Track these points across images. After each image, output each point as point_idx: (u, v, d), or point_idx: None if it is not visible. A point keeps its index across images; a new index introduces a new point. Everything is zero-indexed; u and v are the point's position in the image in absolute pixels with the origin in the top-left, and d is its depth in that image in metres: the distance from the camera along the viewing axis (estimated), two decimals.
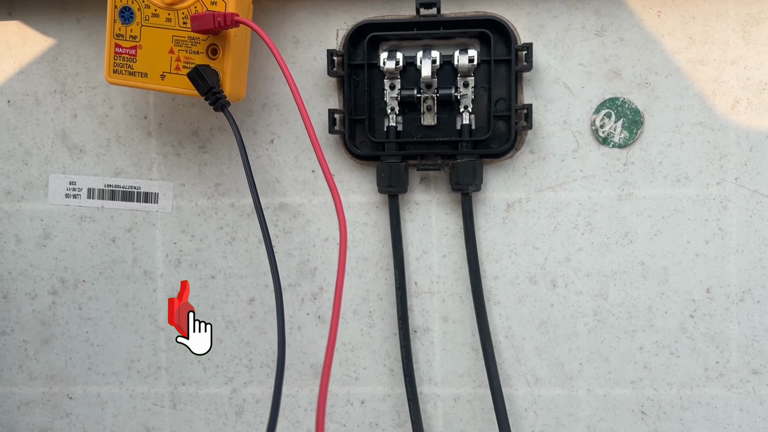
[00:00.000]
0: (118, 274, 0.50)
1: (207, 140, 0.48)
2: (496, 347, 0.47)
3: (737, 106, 0.44)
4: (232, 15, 0.40)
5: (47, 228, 0.50)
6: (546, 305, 0.47)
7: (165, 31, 0.42)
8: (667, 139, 0.45)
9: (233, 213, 0.48)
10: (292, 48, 0.47)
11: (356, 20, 0.45)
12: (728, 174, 0.45)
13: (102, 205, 0.49)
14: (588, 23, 0.45)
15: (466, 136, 0.45)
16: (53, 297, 0.51)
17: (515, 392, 0.48)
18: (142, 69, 0.43)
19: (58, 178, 0.50)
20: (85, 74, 0.48)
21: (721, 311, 0.46)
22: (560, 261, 0.46)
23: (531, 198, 0.46)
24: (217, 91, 0.41)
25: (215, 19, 0.40)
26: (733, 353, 0.46)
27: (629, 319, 0.46)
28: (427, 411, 0.48)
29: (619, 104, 0.45)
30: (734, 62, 0.44)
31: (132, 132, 0.49)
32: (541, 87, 0.45)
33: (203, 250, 0.49)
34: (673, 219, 0.45)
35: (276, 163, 0.48)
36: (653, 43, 0.44)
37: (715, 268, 0.45)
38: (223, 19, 0.40)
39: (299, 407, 0.49)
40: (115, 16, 0.43)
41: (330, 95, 0.47)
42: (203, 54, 0.42)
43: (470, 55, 0.44)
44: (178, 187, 0.49)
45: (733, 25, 0.44)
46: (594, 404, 0.47)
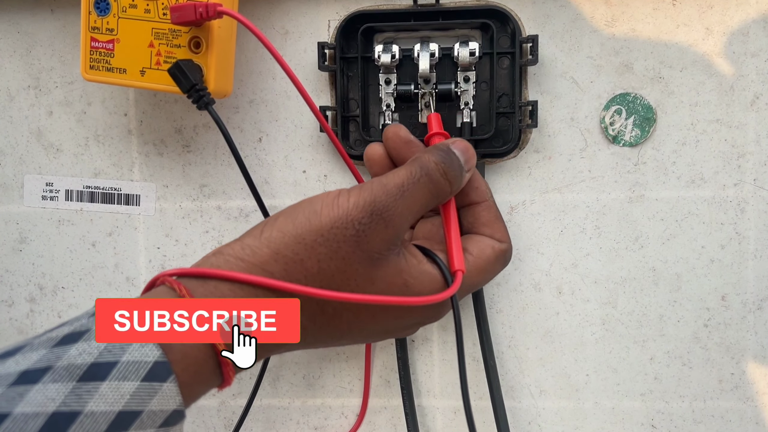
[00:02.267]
0: (99, 280, 0.47)
1: (191, 139, 0.45)
2: (499, 357, 0.45)
3: (757, 102, 0.41)
4: (215, 5, 0.37)
5: (23, 232, 0.47)
6: (551, 313, 0.44)
7: (144, 24, 0.39)
8: (681, 137, 0.42)
9: (219, 216, 0.46)
10: (281, 40, 0.44)
11: (349, 10, 0.42)
12: (746, 175, 0.42)
13: (81, 208, 0.47)
14: (597, 13, 0.42)
15: (466, 134, 0.42)
16: (31, 304, 0.48)
17: (518, 405, 0.45)
18: (120, 64, 0.40)
19: (34, 179, 0.47)
20: (60, 68, 0.46)
21: (737, 320, 0.43)
22: (566, 267, 0.44)
23: (536, 200, 0.44)
24: (200, 88, 0.38)
25: (197, 10, 0.37)
26: (749, 364, 0.43)
27: (639, 328, 0.44)
28: (426, 424, 0.46)
29: (631, 100, 0.42)
30: (754, 54, 0.41)
31: (111, 130, 0.46)
32: (547, 82, 0.42)
33: (188, 255, 0.46)
34: (687, 222, 0.43)
35: (265, 163, 0.45)
36: (667, 35, 0.41)
37: (731, 275, 0.43)
38: (205, 9, 0.37)
39: (291, 419, 0.47)
40: (90, 8, 0.40)
41: (321, 91, 0.44)
42: (185, 48, 0.39)
43: (471, 47, 0.41)
44: (161, 188, 0.46)
45: (753, 15, 0.41)
46: (601, 417, 0.45)
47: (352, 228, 0.31)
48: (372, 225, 0.31)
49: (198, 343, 0.29)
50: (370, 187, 0.32)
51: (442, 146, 0.35)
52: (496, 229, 0.38)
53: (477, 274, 0.36)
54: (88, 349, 0.27)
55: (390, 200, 0.32)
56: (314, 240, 0.31)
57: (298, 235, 0.31)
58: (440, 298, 0.33)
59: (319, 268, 0.31)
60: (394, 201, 0.32)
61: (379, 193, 0.32)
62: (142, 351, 0.27)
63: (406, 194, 0.32)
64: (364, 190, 0.32)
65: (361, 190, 0.32)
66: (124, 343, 0.27)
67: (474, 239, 0.37)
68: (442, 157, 0.34)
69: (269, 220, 0.33)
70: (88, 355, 0.26)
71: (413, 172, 0.33)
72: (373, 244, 0.31)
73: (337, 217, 0.31)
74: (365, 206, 0.31)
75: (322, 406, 0.46)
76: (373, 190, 0.32)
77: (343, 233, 0.31)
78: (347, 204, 0.32)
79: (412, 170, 0.33)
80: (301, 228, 0.31)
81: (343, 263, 0.31)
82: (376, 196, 0.32)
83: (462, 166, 0.35)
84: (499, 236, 0.38)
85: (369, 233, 0.31)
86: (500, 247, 0.37)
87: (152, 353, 0.27)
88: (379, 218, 0.31)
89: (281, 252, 0.31)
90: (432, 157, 0.34)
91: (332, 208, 0.31)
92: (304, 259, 0.31)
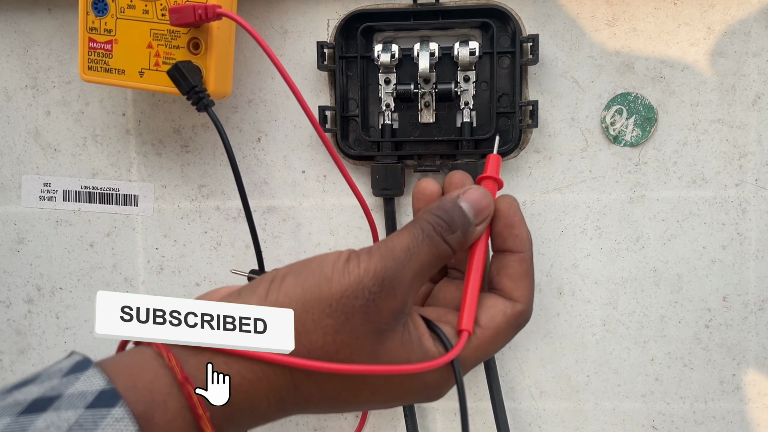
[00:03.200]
0: (97, 281, 0.47)
1: (190, 139, 0.45)
2: (499, 358, 0.44)
3: (759, 102, 0.41)
4: (214, 7, 0.37)
5: (21, 232, 0.47)
6: (552, 314, 0.44)
7: (142, 24, 0.39)
8: (682, 137, 0.42)
9: (218, 216, 0.45)
10: (280, 39, 0.43)
11: (348, 9, 0.42)
12: (748, 175, 0.42)
13: (79, 208, 0.46)
14: (598, 12, 0.41)
15: (466, 134, 0.42)
16: (29, 305, 0.48)
17: (519, 406, 0.45)
18: (118, 65, 0.40)
19: (32, 179, 0.47)
20: (58, 68, 0.45)
21: (739, 321, 0.43)
22: (567, 267, 0.44)
23: (536, 200, 0.43)
24: (199, 90, 0.38)
25: (196, 12, 0.36)
26: (751, 365, 0.43)
27: (640, 329, 0.44)
28: (426, 425, 0.46)
29: (632, 100, 0.42)
30: (756, 54, 0.41)
31: (109, 130, 0.46)
32: (548, 81, 0.42)
33: (187, 255, 0.46)
34: (688, 223, 0.42)
35: (263, 163, 0.45)
36: (669, 34, 0.41)
37: (733, 276, 0.43)
38: (204, 11, 0.36)
39: (290, 421, 0.47)
40: (87, 8, 0.40)
41: (321, 90, 0.43)
42: (184, 49, 0.39)
43: (471, 47, 0.41)
44: (160, 188, 0.46)
45: (755, 14, 0.41)
46: (602, 418, 0.44)
47: (363, 298, 0.29)
48: (382, 294, 0.29)
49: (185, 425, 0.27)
50: (379, 253, 0.30)
51: (448, 201, 0.32)
52: (519, 287, 0.34)
53: (486, 347, 0.33)
54: (57, 421, 0.24)
55: (399, 267, 0.30)
56: (322, 310, 0.29)
57: (306, 302, 0.29)
58: (437, 365, 0.30)
59: (324, 342, 0.29)
60: (402, 267, 0.30)
61: (389, 259, 0.30)
62: (117, 426, 0.24)
63: (412, 259, 0.30)
64: (373, 256, 0.30)
65: (371, 256, 0.30)
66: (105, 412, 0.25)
67: (485, 304, 0.33)
68: (440, 217, 0.32)
69: (277, 278, 0.30)
70: (56, 429, 0.24)
71: (415, 234, 0.31)
72: (382, 314, 0.29)
73: (348, 285, 0.29)
74: (376, 274, 0.29)
75: None
76: (383, 255, 0.30)
77: (352, 303, 0.29)
78: (358, 271, 0.29)
79: (414, 232, 0.31)
80: (309, 294, 0.29)
81: (349, 337, 0.29)
82: (386, 263, 0.30)
83: (469, 222, 0.32)
84: (518, 295, 0.34)
85: (379, 303, 0.29)
86: (513, 311, 0.33)
87: (128, 430, 0.25)
88: (390, 287, 0.29)
89: None
90: (429, 217, 0.32)
91: (343, 274, 0.29)
92: (310, 330, 0.29)
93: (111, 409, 0.25)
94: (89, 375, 0.26)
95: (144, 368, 0.27)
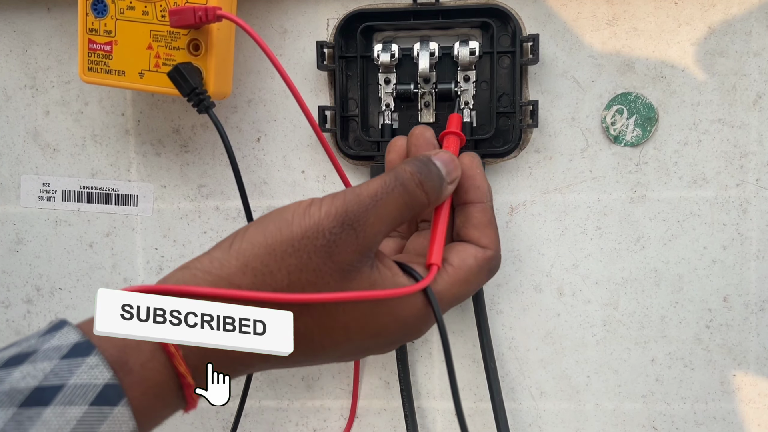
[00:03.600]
0: (97, 281, 0.47)
1: (189, 139, 0.45)
2: (499, 359, 0.44)
3: (760, 102, 0.41)
4: (214, 9, 0.36)
5: (20, 232, 0.47)
6: (552, 315, 0.44)
7: (142, 26, 0.39)
8: (683, 137, 0.42)
9: (218, 216, 0.45)
10: (279, 39, 0.43)
11: (348, 9, 0.42)
12: (749, 175, 0.42)
13: (78, 208, 0.46)
14: (599, 12, 0.41)
15: (466, 134, 0.41)
16: (28, 306, 0.48)
17: (519, 406, 0.45)
18: (118, 66, 0.40)
19: (31, 179, 0.46)
20: (57, 68, 0.45)
21: (739, 321, 0.43)
22: (567, 268, 0.43)
23: (536, 200, 0.43)
24: (200, 92, 0.38)
25: (196, 14, 0.36)
26: (752, 366, 0.43)
27: (641, 329, 0.43)
28: (426, 426, 0.46)
29: (632, 100, 0.42)
30: (757, 54, 0.41)
31: (109, 130, 0.45)
32: (548, 81, 0.42)
33: (186, 256, 0.46)
34: (689, 223, 0.42)
35: (263, 163, 0.45)
36: (669, 34, 0.41)
37: (734, 276, 0.42)
38: (204, 13, 0.36)
39: (289, 421, 0.47)
40: (87, 9, 0.39)
41: (320, 90, 0.43)
42: (184, 50, 0.39)
43: (471, 46, 0.40)
44: (159, 188, 0.46)
45: (756, 13, 0.40)
46: (602, 419, 0.44)
47: (323, 238, 0.30)
48: (343, 235, 0.30)
49: (159, 365, 0.28)
50: (343, 197, 0.31)
51: (423, 157, 0.34)
52: (485, 234, 0.36)
53: (459, 285, 0.35)
54: (32, 371, 0.25)
55: (362, 210, 0.31)
56: (284, 251, 0.30)
57: (268, 246, 0.30)
58: (408, 291, 0.32)
59: (289, 281, 0.30)
60: (366, 211, 0.31)
61: (352, 203, 0.31)
62: (92, 373, 0.26)
63: (378, 204, 0.31)
64: (336, 199, 0.31)
65: (334, 199, 0.31)
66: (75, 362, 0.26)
67: (456, 248, 0.36)
68: (418, 168, 0.33)
69: (239, 231, 0.32)
70: (32, 379, 0.25)
71: (387, 181, 0.32)
72: (344, 255, 0.30)
73: (308, 226, 0.30)
74: (336, 215, 0.30)
75: (321, 407, 0.46)
76: (346, 199, 0.31)
77: (313, 243, 0.30)
78: (319, 213, 0.31)
79: (387, 180, 0.32)
80: (271, 238, 0.30)
81: (313, 275, 0.30)
82: (348, 206, 0.31)
83: (443, 178, 0.34)
84: (486, 242, 0.36)
85: (340, 243, 0.30)
86: (484, 255, 0.35)
87: (102, 375, 0.26)
88: (350, 228, 0.30)
89: (250, 264, 0.30)
90: (408, 167, 0.33)
91: (303, 217, 0.30)
92: (274, 271, 0.30)
93: (85, 358, 0.26)
94: (65, 332, 0.27)
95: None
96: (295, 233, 0.30)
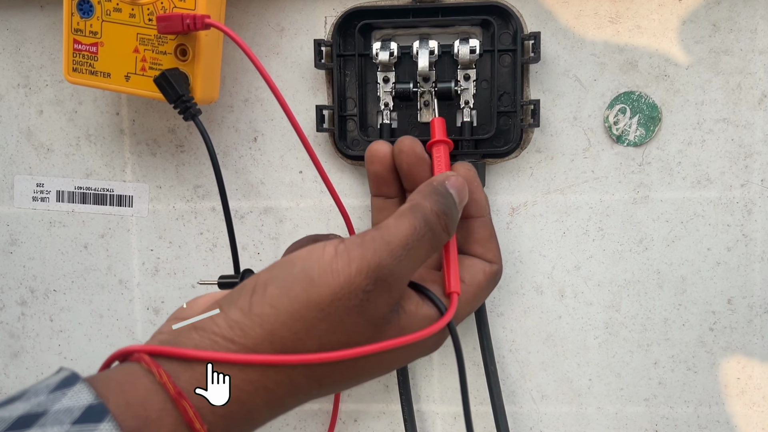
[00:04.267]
0: (92, 283, 0.46)
1: (185, 139, 0.44)
2: (500, 362, 0.44)
3: (765, 101, 0.40)
4: (202, 17, 0.36)
5: (14, 234, 0.46)
6: (553, 317, 0.43)
7: (129, 28, 0.38)
8: (686, 137, 0.41)
9: (214, 217, 0.45)
10: (276, 37, 0.43)
11: (346, 6, 0.41)
12: (754, 175, 0.41)
13: (72, 209, 0.46)
14: (601, 9, 0.41)
15: (467, 134, 0.41)
16: (22, 308, 0.47)
17: (520, 410, 0.44)
18: (104, 68, 0.39)
19: (24, 179, 0.46)
20: (50, 66, 0.44)
21: (744, 324, 0.42)
22: (569, 269, 0.43)
23: (538, 201, 0.43)
24: (186, 99, 0.38)
25: (184, 22, 0.36)
26: (756, 369, 0.42)
27: (643, 332, 0.43)
28: (425, 430, 0.45)
29: (635, 99, 0.41)
30: (762, 52, 0.40)
31: (103, 130, 0.45)
32: (550, 80, 0.41)
33: (182, 257, 0.45)
34: (693, 224, 0.42)
35: (260, 163, 0.44)
36: (673, 32, 0.40)
37: (738, 278, 0.42)
38: (192, 21, 0.36)
39: (287, 425, 0.46)
40: (72, 9, 0.39)
41: (318, 89, 0.43)
42: (171, 55, 0.38)
43: (472, 45, 0.40)
44: (155, 189, 0.45)
45: (762, 10, 0.40)
46: (604, 423, 0.44)
47: (356, 298, 0.28)
48: (376, 292, 0.28)
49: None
50: (372, 246, 0.28)
51: (441, 188, 0.33)
52: (489, 249, 0.36)
53: (471, 302, 0.35)
54: None
55: (395, 262, 0.28)
56: (314, 317, 0.27)
57: (295, 312, 0.27)
58: (436, 329, 0.31)
59: (320, 345, 0.28)
60: (399, 263, 0.29)
61: (384, 255, 0.28)
62: None
63: (410, 253, 0.29)
64: (366, 250, 0.28)
65: (363, 250, 0.28)
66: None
67: (464, 264, 0.35)
68: (443, 206, 0.32)
69: (258, 287, 0.28)
70: None
71: (417, 227, 0.30)
72: (377, 311, 0.28)
73: (339, 286, 0.27)
74: (369, 272, 0.28)
75: (319, 411, 0.46)
76: (377, 250, 0.28)
77: (345, 305, 0.28)
78: (348, 269, 0.28)
79: (416, 225, 0.30)
80: (297, 303, 0.27)
81: (345, 336, 0.28)
82: (381, 259, 0.28)
83: (457, 207, 0.33)
84: (491, 256, 0.36)
85: (373, 300, 0.28)
86: (491, 270, 0.36)
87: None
88: (384, 283, 0.28)
89: (277, 333, 0.27)
90: (434, 206, 0.31)
91: (332, 275, 0.28)
92: (303, 338, 0.27)
93: (98, 425, 0.24)
94: (76, 390, 0.25)
95: (135, 385, 0.26)
96: (324, 296, 0.27)
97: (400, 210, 0.31)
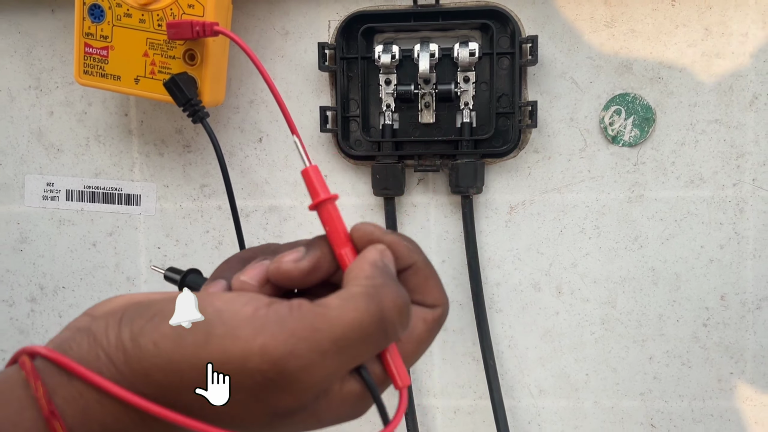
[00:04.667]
0: (100, 280, 0.47)
1: (191, 139, 0.45)
2: (498, 357, 0.45)
3: (756, 102, 0.42)
4: (212, 24, 0.37)
5: (24, 232, 0.47)
6: (551, 313, 0.44)
7: (139, 33, 0.39)
8: (680, 137, 0.42)
9: (220, 216, 0.46)
10: (281, 40, 0.44)
11: (349, 10, 0.43)
12: (745, 174, 0.42)
13: (81, 208, 0.47)
14: (597, 13, 0.42)
15: (466, 134, 0.42)
16: (32, 304, 0.48)
17: (518, 404, 0.45)
18: (114, 71, 0.40)
19: (35, 179, 0.47)
20: (61, 69, 0.46)
21: (736, 320, 0.43)
22: (566, 267, 0.44)
23: (535, 200, 0.44)
24: (195, 103, 0.39)
25: (193, 29, 0.37)
26: (749, 364, 0.43)
27: (639, 327, 0.44)
28: (426, 423, 0.46)
29: (630, 100, 0.42)
30: (753, 55, 0.41)
31: (112, 130, 0.46)
32: (547, 82, 0.42)
33: (189, 255, 0.46)
34: (686, 222, 0.43)
35: (265, 163, 0.45)
36: (667, 35, 0.42)
37: (731, 275, 0.43)
38: (201, 28, 0.37)
39: None
40: (84, 14, 0.40)
41: (322, 91, 0.44)
42: (180, 59, 0.39)
43: (471, 48, 0.41)
44: (162, 188, 0.46)
45: (752, 15, 0.41)
46: (601, 417, 0.45)
47: (249, 379, 0.23)
48: (281, 383, 0.23)
49: None
50: (293, 328, 0.23)
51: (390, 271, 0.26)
52: (428, 293, 0.28)
53: (409, 358, 0.27)
54: None
55: (315, 358, 0.22)
56: (193, 378, 0.23)
57: (175, 364, 0.23)
58: None
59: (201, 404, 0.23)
60: (322, 360, 0.23)
61: (301, 345, 0.22)
62: None
63: (344, 352, 0.23)
64: (283, 329, 0.23)
65: (280, 327, 0.23)
66: None
67: None
68: (403, 299, 0.25)
69: (158, 316, 0.24)
70: None
71: (365, 322, 0.23)
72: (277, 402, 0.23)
73: (234, 357, 0.22)
74: (274, 359, 0.22)
75: None
76: (296, 334, 0.23)
77: (236, 380, 0.23)
78: (251, 344, 0.22)
79: (365, 319, 0.23)
80: (180, 356, 0.23)
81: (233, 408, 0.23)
82: (295, 348, 0.22)
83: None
84: (432, 300, 0.28)
85: (273, 392, 0.23)
86: (433, 316, 0.28)
87: None
88: (292, 378, 0.22)
89: (152, 375, 0.23)
90: (396, 299, 0.24)
91: (231, 341, 0.23)
92: (181, 390, 0.23)
93: None
94: None
95: (9, 398, 0.23)
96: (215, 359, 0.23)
97: (350, 291, 0.24)
